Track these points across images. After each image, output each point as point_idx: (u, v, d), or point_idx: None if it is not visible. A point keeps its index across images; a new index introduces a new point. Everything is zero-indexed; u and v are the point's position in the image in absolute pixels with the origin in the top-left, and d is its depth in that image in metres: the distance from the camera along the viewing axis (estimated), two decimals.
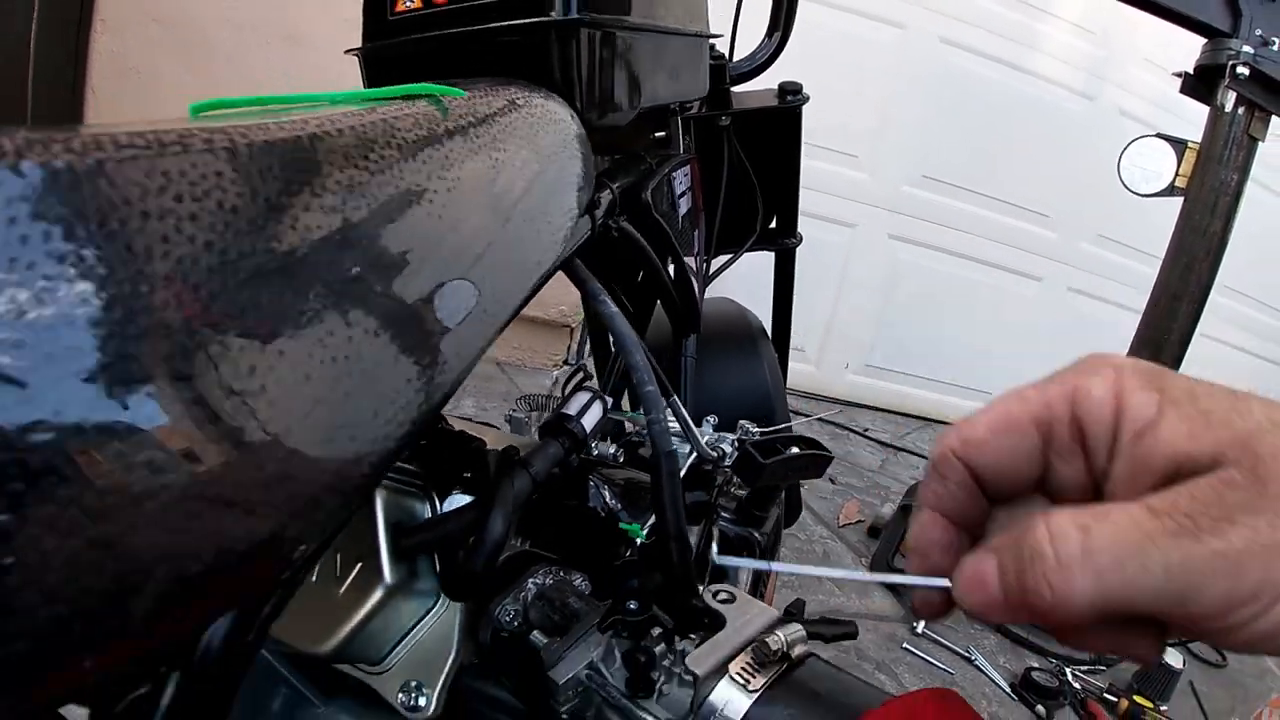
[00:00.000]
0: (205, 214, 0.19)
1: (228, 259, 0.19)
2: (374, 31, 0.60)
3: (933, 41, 2.99)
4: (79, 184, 0.16)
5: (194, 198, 0.18)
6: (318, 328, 0.22)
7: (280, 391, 0.21)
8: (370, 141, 0.25)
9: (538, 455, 0.48)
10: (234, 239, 0.20)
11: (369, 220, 0.24)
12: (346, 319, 0.23)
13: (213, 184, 0.19)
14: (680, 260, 0.79)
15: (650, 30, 0.62)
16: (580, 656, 0.46)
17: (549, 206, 0.40)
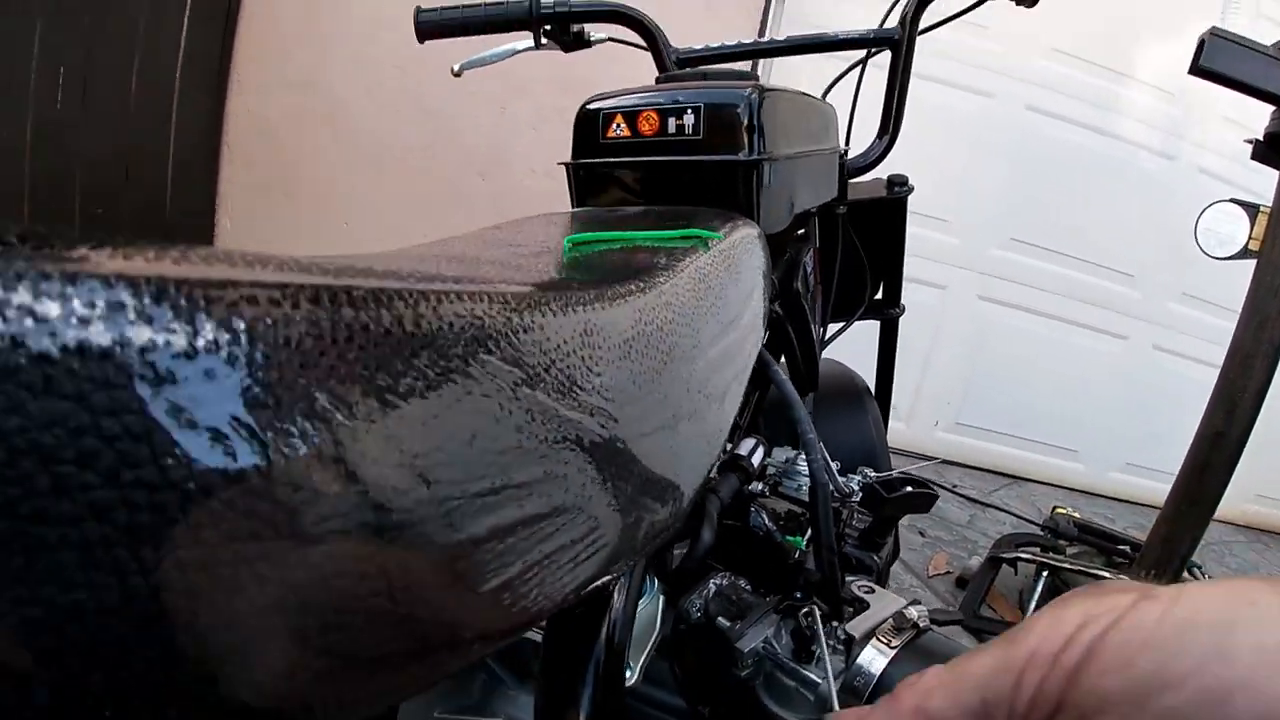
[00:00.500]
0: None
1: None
2: (585, 150, 0.77)
3: (1019, 108, 3.11)
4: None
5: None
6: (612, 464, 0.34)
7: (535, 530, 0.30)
8: (691, 281, 0.42)
9: (724, 485, 0.64)
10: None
11: (700, 334, 0.40)
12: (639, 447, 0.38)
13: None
14: (806, 328, 0.95)
15: (802, 156, 0.79)
16: (757, 634, 0.61)
17: (757, 306, 0.57)
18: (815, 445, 0.63)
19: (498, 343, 0.25)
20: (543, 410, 0.26)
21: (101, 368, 0.15)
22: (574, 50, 1.22)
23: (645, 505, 0.35)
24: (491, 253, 0.42)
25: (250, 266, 0.20)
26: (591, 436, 0.29)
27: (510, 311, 0.26)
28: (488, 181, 2.96)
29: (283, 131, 3.02)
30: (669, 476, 0.38)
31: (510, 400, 0.25)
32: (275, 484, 0.18)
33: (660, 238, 0.47)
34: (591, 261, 0.40)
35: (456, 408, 0.23)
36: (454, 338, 0.23)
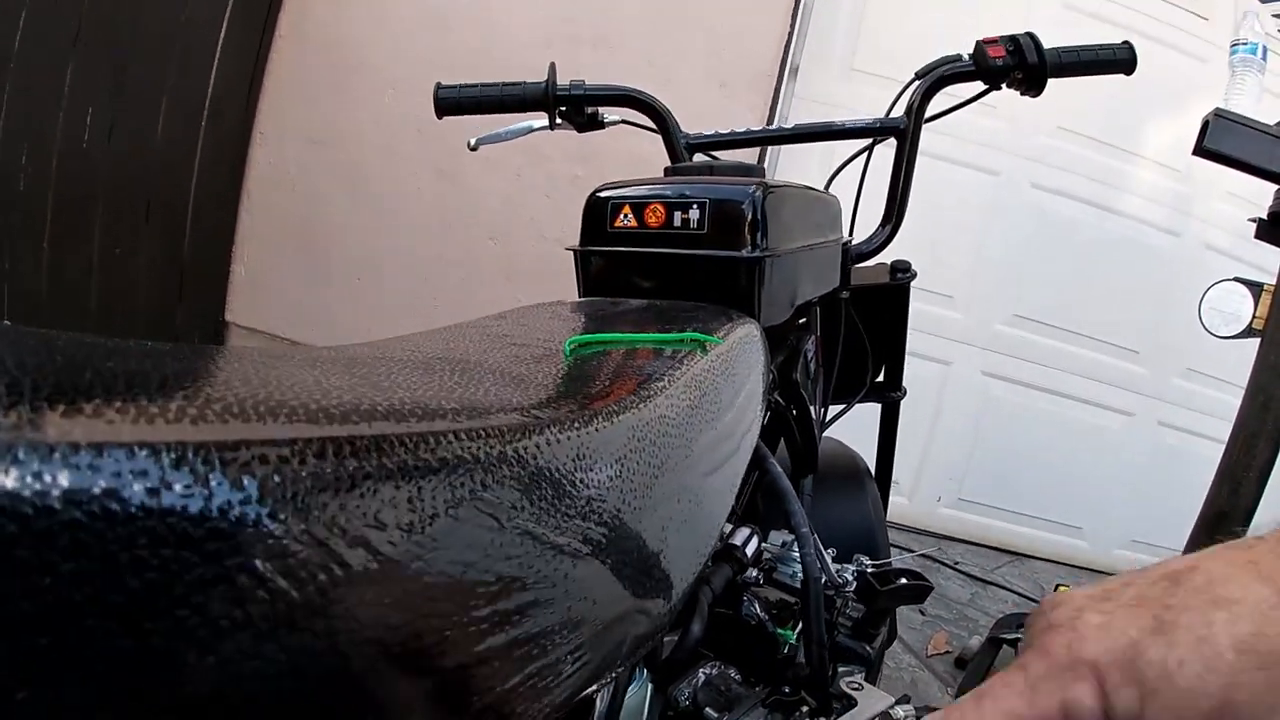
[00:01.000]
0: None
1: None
2: (593, 238, 0.79)
3: (1024, 186, 3.15)
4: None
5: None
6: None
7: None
8: (689, 389, 0.43)
9: (716, 575, 0.64)
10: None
11: (694, 443, 0.42)
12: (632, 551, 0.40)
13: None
14: (806, 411, 0.96)
15: (805, 250, 0.81)
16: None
17: (754, 404, 0.58)
18: (809, 539, 0.64)
19: (492, 477, 0.26)
20: (532, 536, 0.28)
21: (126, 530, 0.17)
22: (588, 131, 1.26)
23: (633, 617, 0.36)
24: (494, 357, 0.43)
25: (261, 420, 0.21)
26: (580, 556, 0.30)
27: (505, 444, 0.27)
28: (499, 245, 3.01)
29: (301, 185, 3.08)
30: (657, 584, 0.39)
31: (500, 531, 0.26)
32: (278, 627, 0.20)
33: (659, 340, 0.48)
34: (590, 369, 0.41)
35: (450, 542, 0.24)
36: (449, 478, 0.24)
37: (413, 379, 0.33)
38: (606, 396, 0.36)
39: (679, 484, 0.40)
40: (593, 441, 0.32)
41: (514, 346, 0.47)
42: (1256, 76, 1.91)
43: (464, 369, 0.38)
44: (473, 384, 0.34)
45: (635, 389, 0.38)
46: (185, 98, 2.79)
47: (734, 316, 0.61)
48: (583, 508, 0.31)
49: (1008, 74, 1.12)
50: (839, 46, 3.06)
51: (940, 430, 3.29)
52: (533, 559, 0.27)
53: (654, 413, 0.38)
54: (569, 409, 0.32)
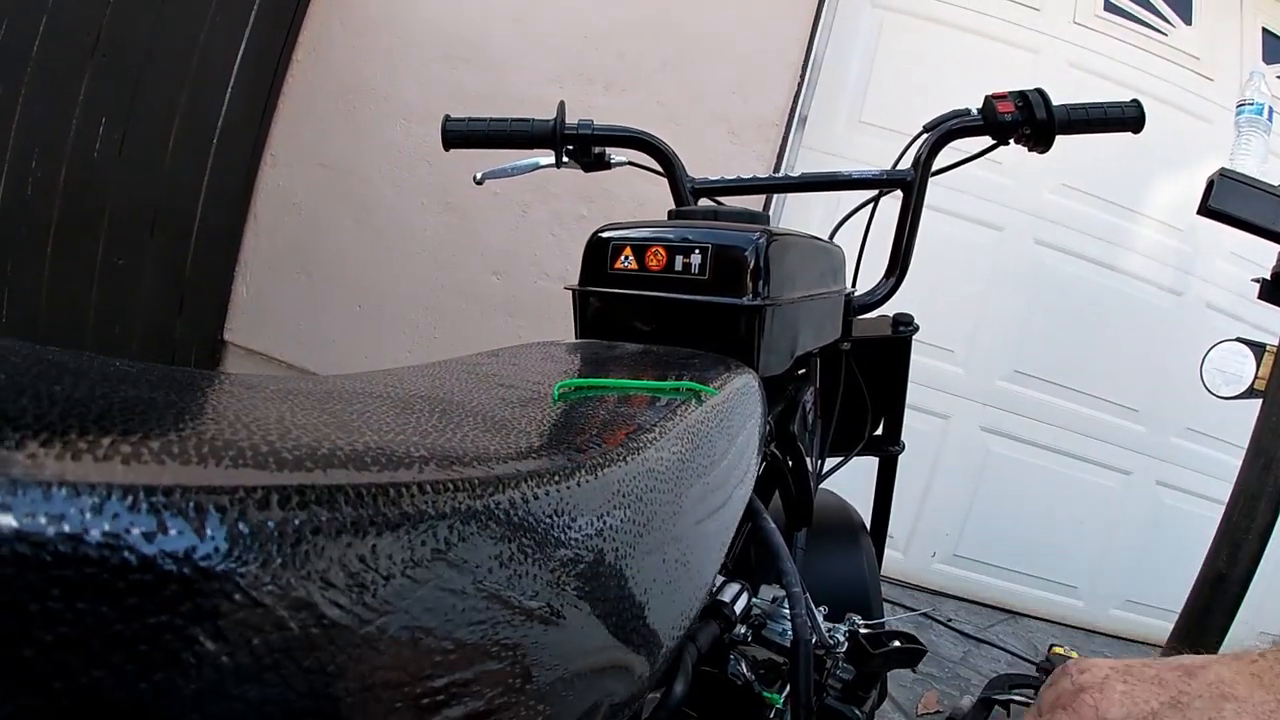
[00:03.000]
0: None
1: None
2: (592, 279, 0.78)
3: (1028, 243, 3.16)
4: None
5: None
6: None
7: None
8: (679, 441, 0.41)
9: (702, 632, 0.62)
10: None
11: (682, 498, 0.40)
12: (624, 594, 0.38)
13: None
14: (802, 463, 0.93)
15: (806, 300, 0.80)
16: None
17: (749, 457, 0.56)
18: (800, 598, 0.62)
19: (459, 534, 0.24)
20: (501, 600, 0.26)
21: (36, 576, 0.16)
22: (594, 170, 1.26)
23: (610, 683, 0.34)
24: (478, 398, 0.41)
25: (202, 463, 0.20)
26: (553, 621, 0.28)
27: (476, 498, 0.25)
28: (502, 281, 3.00)
29: (308, 210, 3.09)
30: (639, 647, 0.36)
31: (464, 595, 0.24)
32: (200, 694, 0.18)
33: (653, 388, 0.47)
34: (577, 417, 0.40)
35: (406, 606, 0.23)
36: (409, 536, 0.23)
37: (386, 419, 0.31)
38: (592, 447, 0.34)
39: (666, 540, 0.38)
40: (574, 496, 0.30)
41: (501, 388, 0.46)
42: (1262, 137, 1.92)
43: (444, 410, 0.36)
44: (450, 428, 0.32)
45: (624, 440, 0.36)
46: (198, 116, 2.82)
47: (732, 366, 0.59)
48: (559, 567, 0.29)
49: (1016, 129, 1.11)
50: (847, 99, 3.09)
51: (937, 485, 3.26)
52: (500, 625, 0.25)
53: (642, 466, 0.36)
54: (550, 460, 0.30)
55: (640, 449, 0.36)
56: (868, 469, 1.44)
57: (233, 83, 2.89)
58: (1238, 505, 1.92)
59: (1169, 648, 2.02)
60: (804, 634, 0.60)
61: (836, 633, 0.79)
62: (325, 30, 3.04)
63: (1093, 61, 3.11)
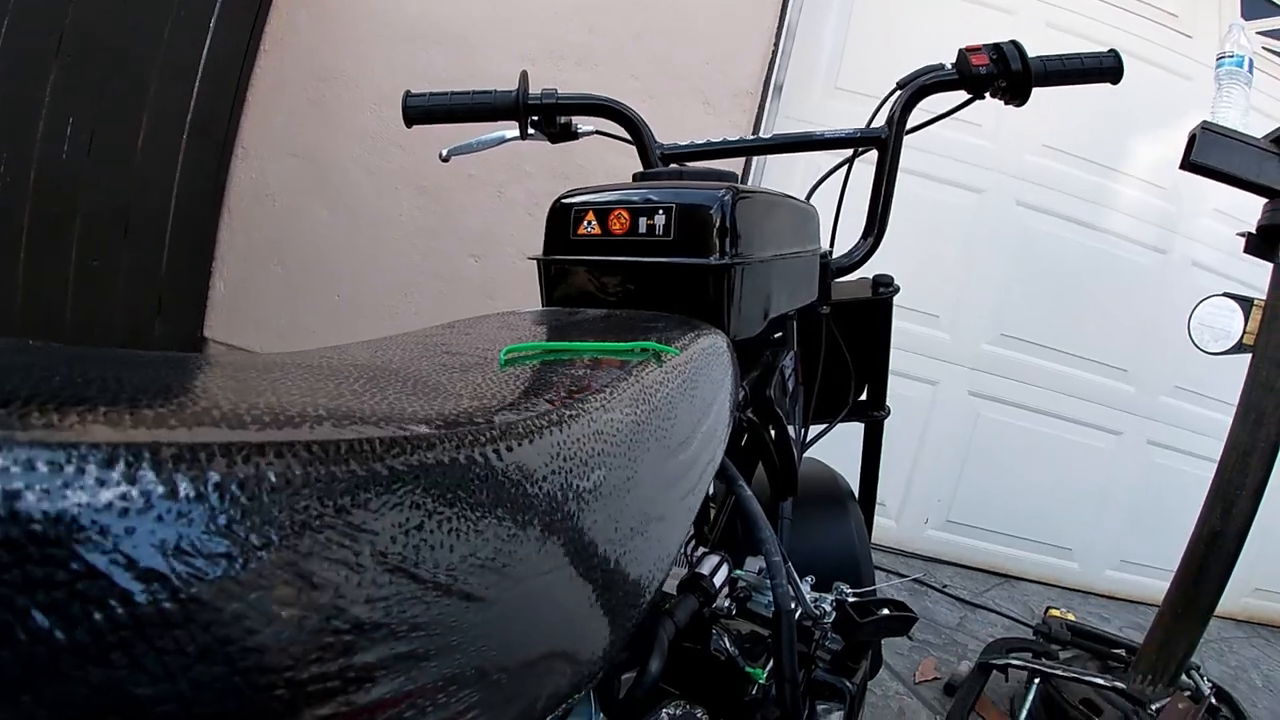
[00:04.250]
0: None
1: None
2: (556, 247, 0.75)
3: (1009, 205, 3.13)
4: None
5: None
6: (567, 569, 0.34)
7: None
8: (632, 402, 0.38)
9: (680, 607, 0.59)
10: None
11: (636, 462, 0.37)
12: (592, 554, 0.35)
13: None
14: (784, 431, 0.91)
15: (778, 259, 0.77)
16: None
17: (720, 421, 0.53)
18: (780, 568, 0.59)
19: (354, 500, 0.22)
20: (407, 575, 0.23)
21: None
22: (561, 141, 1.22)
23: (549, 671, 0.31)
24: (418, 365, 0.39)
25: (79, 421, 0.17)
26: (472, 601, 0.25)
27: (376, 461, 0.22)
28: (480, 264, 2.97)
29: (282, 201, 3.05)
30: (581, 632, 0.33)
31: (359, 569, 0.21)
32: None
33: (608, 350, 0.44)
34: (518, 380, 0.37)
35: (283, 578, 0.20)
36: (288, 499, 0.20)
37: (298, 384, 0.28)
38: (527, 409, 0.31)
39: (618, 509, 0.35)
40: (502, 461, 0.27)
41: (446, 355, 0.43)
42: (1243, 90, 1.89)
43: (374, 377, 0.33)
44: (369, 392, 0.29)
45: (566, 402, 0.33)
46: (167, 112, 2.77)
47: (698, 327, 0.57)
48: (483, 540, 0.26)
49: (991, 82, 1.08)
50: (823, 65, 3.05)
51: (927, 451, 3.26)
52: (408, 602, 0.22)
53: (587, 429, 0.33)
54: (476, 423, 0.27)
55: (585, 411, 0.34)
56: (856, 437, 1.42)
57: (200, 77, 2.83)
58: (1230, 462, 1.92)
59: (1166, 607, 2.02)
60: (785, 605, 0.58)
61: (823, 603, 0.76)
62: (291, 19, 2.98)
63: (1070, 21, 3.08)
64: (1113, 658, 2.22)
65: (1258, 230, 1.91)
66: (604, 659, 0.34)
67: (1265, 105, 2.88)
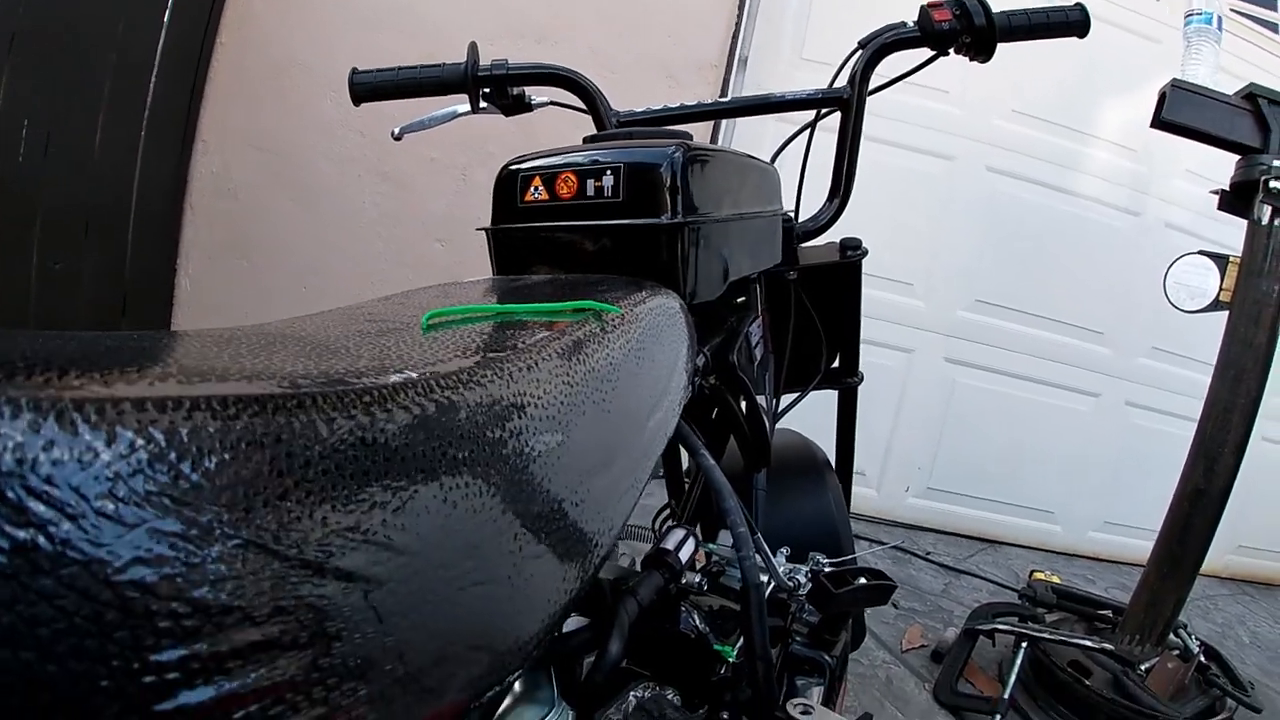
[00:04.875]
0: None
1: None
2: (504, 215, 0.72)
3: (980, 171, 3.12)
4: None
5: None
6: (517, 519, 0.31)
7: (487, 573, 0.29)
8: (561, 361, 0.35)
9: (644, 584, 0.56)
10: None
11: (569, 426, 0.34)
12: (535, 509, 0.32)
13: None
14: (754, 401, 0.88)
15: (736, 219, 0.73)
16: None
17: (672, 385, 0.50)
18: (747, 539, 0.56)
19: (192, 464, 0.18)
20: (265, 550, 0.20)
21: None
22: (515, 114, 1.18)
23: (457, 662, 0.27)
24: (333, 332, 0.35)
25: None
26: (351, 582, 0.22)
27: (219, 418, 0.19)
28: (446, 248, 2.93)
29: (245, 194, 3.00)
30: (496, 619, 0.30)
31: (203, 543, 0.18)
32: None
33: (542, 310, 0.41)
34: (434, 342, 0.33)
35: (104, 554, 0.17)
36: (105, 464, 0.17)
37: (197, 349, 0.25)
38: (432, 368, 0.27)
39: (545, 480, 0.32)
40: (393, 424, 0.24)
41: (368, 323, 0.40)
42: (1212, 47, 1.87)
43: (269, 342, 0.30)
44: (250, 355, 0.26)
45: (483, 360, 0.30)
46: (124, 109, 2.70)
47: (646, 287, 0.53)
48: (369, 514, 0.22)
49: (955, 38, 1.06)
50: (788, 36, 3.01)
51: (905, 419, 3.25)
52: (267, 582, 0.19)
53: (505, 390, 0.30)
54: (359, 381, 0.24)
55: (502, 371, 0.30)
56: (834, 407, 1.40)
57: (156, 72, 2.77)
58: (1211, 419, 1.92)
59: (1151, 566, 2.02)
60: (753, 578, 0.55)
61: (798, 574, 0.74)
62: (248, 8, 2.91)
63: None
64: (1099, 619, 2.22)
65: (1231, 187, 1.90)
66: (530, 645, 0.31)
67: (1233, 66, 2.87)
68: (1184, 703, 1.89)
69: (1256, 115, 1.82)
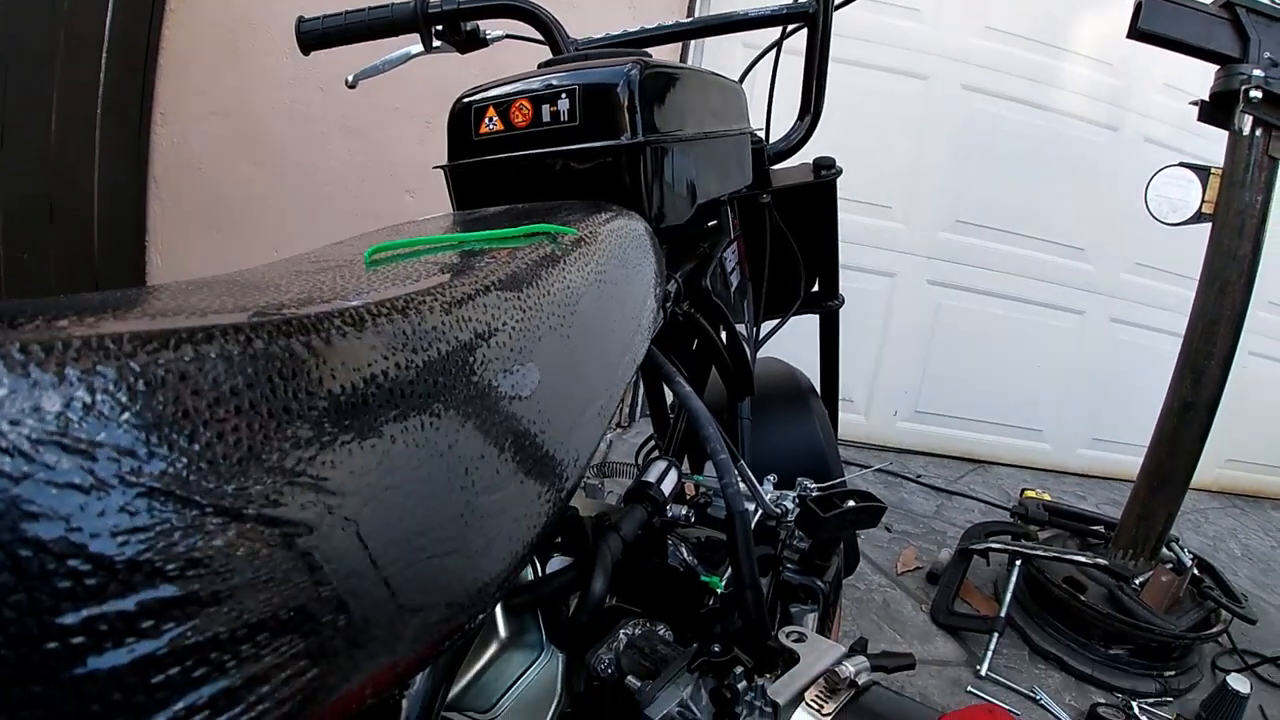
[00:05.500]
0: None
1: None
2: (459, 150, 0.69)
3: (955, 89, 3.06)
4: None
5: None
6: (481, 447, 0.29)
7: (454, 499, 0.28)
8: (512, 285, 0.33)
9: (626, 520, 0.55)
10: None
11: (524, 353, 0.32)
12: (504, 439, 0.30)
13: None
14: (733, 329, 0.86)
15: (701, 139, 0.70)
16: (672, 695, 0.52)
17: (638, 310, 0.48)
18: (728, 466, 0.55)
19: (88, 403, 0.16)
20: (175, 498, 0.18)
21: None
22: (470, 50, 1.14)
23: (394, 618, 0.25)
24: (274, 273, 0.33)
25: None
26: (286, 524, 0.20)
27: (114, 355, 0.17)
28: (417, 198, 2.88)
29: (208, 162, 2.94)
30: (448, 562, 0.28)
31: (95, 491, 0.16)
32: None
33: (493, 238, 0.38)
34: (373, 275, 0.31)
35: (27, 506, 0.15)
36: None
37: (106, 300, 0.23)
38: (364, 297, 0.25)
39: (496, 409, 0.30)
40: (309, 357, 0.22)
41: (312, 264, 0.37)
42: None
43: (201, 288, 0.28)
44: (173, 298, 0.23)
45: (427, 290, 0.28)
46: (77, 90, 2.63)
47: (609, 210, 0.51)
48: (289, 452, 0.20)
49: None
50: None
51: (890, 344, 3.25)
52: (175, 533, 0.17)
53: (442, 317, 0.28)
54: (277, 314, 0.22)
55: (440, 298, 0.28)
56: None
57: (106, 48, 2.68)
58: (1197, 332, 1.92)
59: (1142, 481, 2.04)
60: (737, 504, 0.54)
61: (785, 500, 0.73)
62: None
63: None
64: (1092, 535, 2.25)
65: (1211, 98, 1.87)
66: (492, 588, 0.30)
67: None
68: (1179, 615, 1.93)
69: (1235, 24, 1.78)
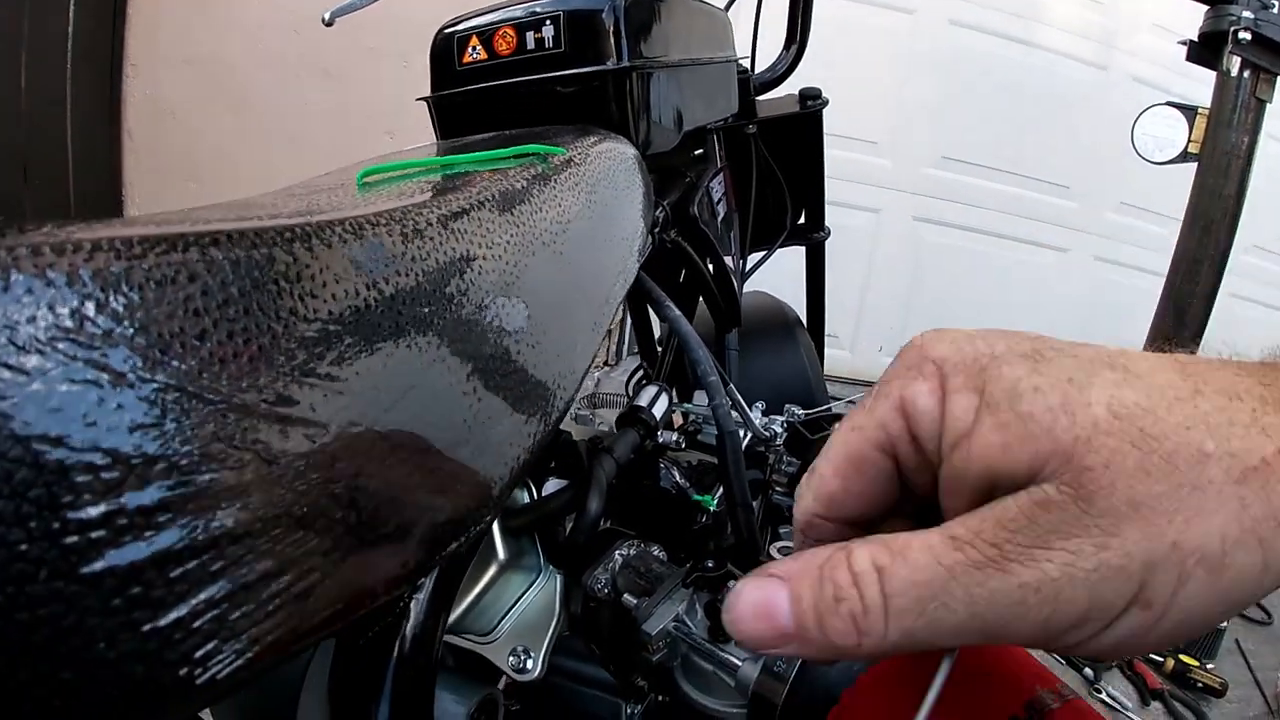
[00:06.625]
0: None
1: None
2: (443, 81, 0.68)
3: (941, 24, 3.02)
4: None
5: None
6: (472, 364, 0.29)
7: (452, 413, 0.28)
8: (505, 202, 0.33)
9: (619, 443, 0.56)
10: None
11: (519, 267, 0.32)
12: (493, 358, 0.31)
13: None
14: (720, 260, 0.87)
15: (687, 65, 0.70)
16: (667, 611, 0.54)
17: (627, 232, 0.48)
18: (718, 388, 0.56)
19: (104, 302, 0.17)
20: (195, 395, 0.18)
21: None
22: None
23: (403, 518, 0.26)
24: (269, 197, 0.33)
25: None
26: (297, 422, 0.21)
27: (121, 259, 0.18)
28: (397, 139, 2.83)
29: (183, 112, 2.88)
30: (450, 467, 0.28)
31: (118, 388, 0.17)
32: None
33: (484, 160, 0.38)
34: (364, 196, 0.31)
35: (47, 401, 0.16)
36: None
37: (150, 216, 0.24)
38: (359, 210, 0.26)
39: (494, 323, 0.31)
40: (313, 261, 0.22)
41: (304, 189, 0.38)
42: None
43: (195, 211, 0.28)
44: (171, 220, 0.24)
45: (417, 203, 0.28)
46: (45, 44, 2.54)
47: (596, 133, 0.51)
48: (298, 352, 0.21)
49: None
50: None
51: (875, 279, 3.25)
52: (191, 428, 0.18)
53: (439, 230, 0.28)
54: (285, 220, 0.22)
55: (436, 210, 0.28)
56: None
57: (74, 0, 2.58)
58: (1180, 271, 1.93)
59: None
60: (727, 425, 0.55)
61: (773, 424, 0.74)
62: None
63: None
64: None
65: (1200, 38, 1.85)
66: (495, 492, 0.30)
67: None
68: None
69: None
